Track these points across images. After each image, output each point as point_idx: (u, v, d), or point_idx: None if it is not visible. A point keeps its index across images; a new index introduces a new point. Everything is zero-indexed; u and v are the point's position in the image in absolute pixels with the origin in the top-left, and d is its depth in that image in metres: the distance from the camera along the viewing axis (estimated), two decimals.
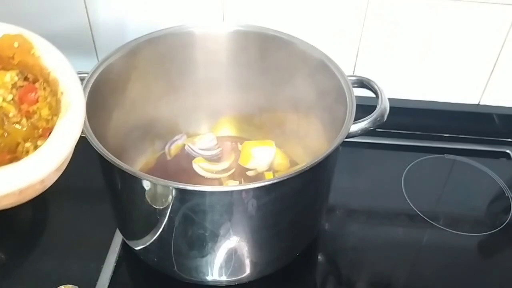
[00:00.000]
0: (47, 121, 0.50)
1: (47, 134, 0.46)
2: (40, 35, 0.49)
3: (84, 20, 0.81)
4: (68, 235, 0.68)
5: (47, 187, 0.47)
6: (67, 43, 0.88)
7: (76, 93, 0.47)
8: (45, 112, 0.50)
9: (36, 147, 0.48)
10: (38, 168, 0.43)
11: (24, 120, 0.51)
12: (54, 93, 0.48)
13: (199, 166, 0.73)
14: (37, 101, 0.50)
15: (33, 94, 0.50)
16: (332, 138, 0.54)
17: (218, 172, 0.74)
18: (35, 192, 0.47)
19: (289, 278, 0.64)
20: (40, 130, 0.50)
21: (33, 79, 0.51)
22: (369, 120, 0.58)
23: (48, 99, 0.49)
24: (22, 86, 0.51)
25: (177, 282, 0.61)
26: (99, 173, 0.59)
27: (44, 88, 0.50)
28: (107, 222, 0.67)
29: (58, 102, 0.47)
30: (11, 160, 0.46)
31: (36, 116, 0.50)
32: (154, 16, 0.79)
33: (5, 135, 0.50)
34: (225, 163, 0.75)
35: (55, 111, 0.48)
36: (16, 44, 0.48)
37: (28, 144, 0.49)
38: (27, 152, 0.48)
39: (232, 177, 0.74)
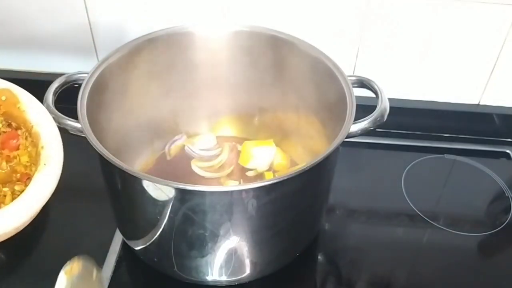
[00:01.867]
0: (26, 167, 0.53)
1: (25, 179, 0.50)
2: (26, 91, 0.51)
3: (84, 20, 0.81)
4: (68, 235, 0.68)
5: (19, 230, 0.50)
6: (67, 43, 0.88)
7: (55, 148, 0.50)
8: (24, 159, 0.53)
9: (13, 192, 0.51)
10: (16, 217, 0.47)
11: (4, 163, 0.53)
12: (35, 144, 0.51)
13: (197, 166, 0.73)
14: (18, 148, 0.53)
15: (14, 141, 0.53)
16: (332, 138, 0.54)
17: (216, 170, 0.74)
18: (7, 235, 0.50)
19: (289, 278, 0.64)
20: (18, 175, 0.53)
21: (16, 127, 0.53)
22: (369, 120, 0.58)
23: (29, 149, 0.53)
24: (5, 132, 0.53)
25: (177, 282, 0.61)
26: (99, 173, 0.59)
27: (26, 138, 0.53)
28: (107, 222, 0.67)
29: (38, 154, 0.50)
30: None
31: (15, 161, 0.53)
32: (154, 16, 0.79)
33: None
34: (224, 163, 0.75)
35: (34, 160, 0.52)
36: (3, 98, 0.52)
37: (5, 189, 0.52)
38: (4, 196, 0.51)
39: (232, 177, 0.74)
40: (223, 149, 0.76)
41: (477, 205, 0.75)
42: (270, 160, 0.74)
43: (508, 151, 0.84)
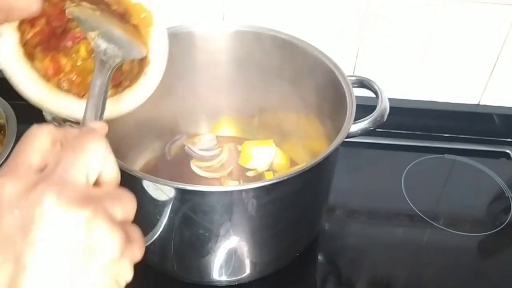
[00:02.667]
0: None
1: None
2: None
3: None
4: None
5: None
6: None
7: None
8: None
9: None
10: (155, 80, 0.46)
11: None
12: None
13: (197, 167, 0.73)
14: None
15: None
16: (332, 138, 0.54)
17: (216, 170, 0.74)
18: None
19: (289, 278, 0.64)
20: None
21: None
22: (369, 120, 0.58)
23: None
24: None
25: (177, 282, 0.61)
26: None
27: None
28: None
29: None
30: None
31: None
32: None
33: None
34: (224, 162, 0.75)
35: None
36: (143, 15, 0.46)
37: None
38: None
39: (231, 177, 0.74)
40: (223, 149, 0.77)
41: (477, 205, 0.75)
42: (270, 160, 0.74)
43: (508, 151, 0.84)
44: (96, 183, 0.31)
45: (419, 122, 0.86)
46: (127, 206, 0.31)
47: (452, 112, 0.86)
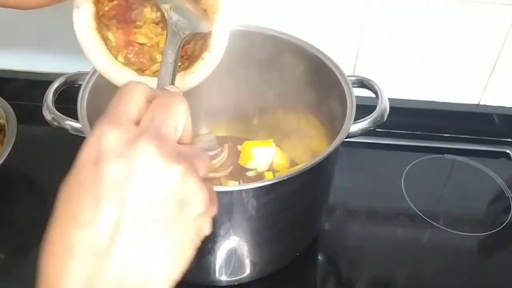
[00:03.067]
0: None
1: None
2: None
3: None
4: None
5: None
6: (68, 43, 0.88)
7: None
8: None
9: None
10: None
11: None
12: None
13: None
14: None
15: None
16: (332, 138, 0.54)
17: (216, 170, 0.74)
18: None
19: (289, 278, 0.64)
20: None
21: None
22: (369, 120, 0.58)
23: None
24: None
25: (177, 282, 0.61)
26: None
27: None
28: None
29: None
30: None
31: None
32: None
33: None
34: (224, 162, 0.75)
35: None
36: (210, 2, 0.50)
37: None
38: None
39: (232, 177, 0.74)
40: (223, 149, 0.76)
41: (477, 205, 0.75)
42: (270, 160, 0.74)
43: (508, 151, 0.84)
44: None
45: (419, 122, 0.86)
46: (207, 164, 0.33)
47: (452, 112, 0.86)
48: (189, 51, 0.49)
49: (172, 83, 0.43)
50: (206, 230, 0.32)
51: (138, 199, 0.28)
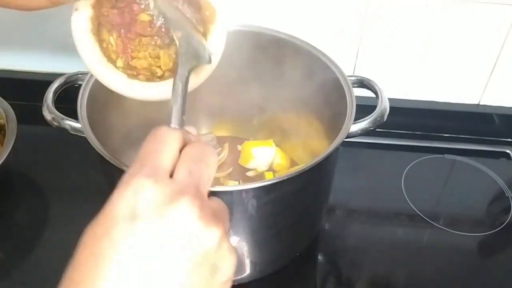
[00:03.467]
0: None
1: None
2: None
3: None
4: (68, 235, 0.68)
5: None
6: (68, 43, 0.88)
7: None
8: None
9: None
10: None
11: None
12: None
13: None
14: None
15: None
16: (332, 138, 0.54)
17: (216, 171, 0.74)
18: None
19: (289, 278, 0.64)
20: None
21: None
22: (369, 120, 0.58)
23: None
24: None
25: None
26: (99, 173, 0.59)
27: None
28: None
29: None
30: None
31: None
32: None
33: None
34: (224, 163, 0.75)
35: None
36: (207, 13, 0.49)
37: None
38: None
39: (232, 177, 0.74)
40: (223, 149, 0.76)
41: (477, 205, 0.75)
42: (270, 160, 0.74)
43: (508, 151, 0.84)
44: None
45: (419, 122, 0.86)
46: (228, 218, 0.32)
47: (452, 112, 0.86)
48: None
49: (183, 116, 0.41)
50: None
51: (172, 264, 0.27)
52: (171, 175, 0.30)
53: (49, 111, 0.57)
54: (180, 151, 0.31)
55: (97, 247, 0.27)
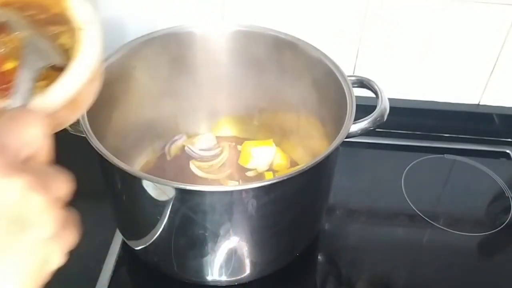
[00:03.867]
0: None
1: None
2: None
3: None
4: None
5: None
6: None
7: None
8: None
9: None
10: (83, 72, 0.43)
11: None
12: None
13: (196, 167, 0.73)
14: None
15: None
16: (332, 138, 0.54)
17: (216, 171, 0.74)
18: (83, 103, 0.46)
19: (289, 278, 0.64)
20: None
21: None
22: (369, 120, 0.58)
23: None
24: None
25: (177, 282, 0.61)
26: (99, 173, 0.59)
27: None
28: (107, 222, 0.67)
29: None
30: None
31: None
32: (154, 16, 0.79)
33: None
34: (224, 163, 0.75)
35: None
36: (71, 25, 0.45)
37: None
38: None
39: (231, 177, 0.74)
40: (223, 149, 0.77)
41: (477, 205, 0.75)
42: (270, 160, 0.74)
43: (508, 151, 0.84)
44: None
45: (419, 122, 0.86)
46: (66, 186, 0.29)
47: (452, 112, 0.86)
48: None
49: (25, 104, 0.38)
50: (55, 260, 0.28)
51: None
52: None
53: None
54: None
55: None
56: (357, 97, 0.58)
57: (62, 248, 0.28)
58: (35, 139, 0.29)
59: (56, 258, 0.28)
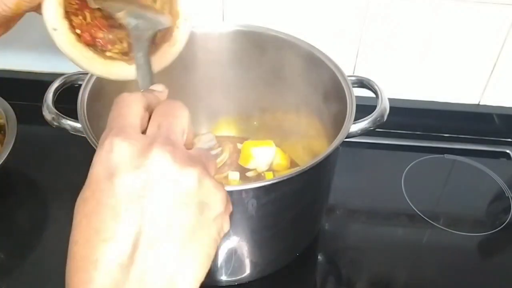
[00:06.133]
0: None
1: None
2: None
3: None
4: (68, 235, 0.68)
5: None
6: None
7: None
8: None
9: None
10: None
11: None
12: None
13: None
14: None
15: None
16: (332, 138, 0.54)
17: (218, 171, 0.74)
18: None
19: (289, 278, 0.64)
20: None
21: None
22: (369, 120, 0.58)
23: None
24: None
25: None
26: None
27: None
28: None
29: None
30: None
31: None
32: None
33: None
34: (224, 163, 0.75)
35: None
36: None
37: None
38: None
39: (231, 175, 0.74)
40: (223, 149, 0.76)
41: (477, 205, 0.75)
42: (270, 160, 0.74)
43: (508, 151, 0.84)
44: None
45: (419, 122, 0.86)
46: (215, 164, 0.34)
47: (452, 112, 0.86)
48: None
49: (152, 83, 0.43)
50: (226, 227, 0.33)
51: (157, 207, 0.28)
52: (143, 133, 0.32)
53: (49, 111, 0.57)
54: (149, 112, 0.33)
55: (87, 208, 0.29)
56: (357, 97, 0.58)
57: (228, 217, 0.33)
58: (187, 126, 0.33)
59: (226, 226, 0.33)
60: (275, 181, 0.50)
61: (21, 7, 0.40)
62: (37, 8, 0.42)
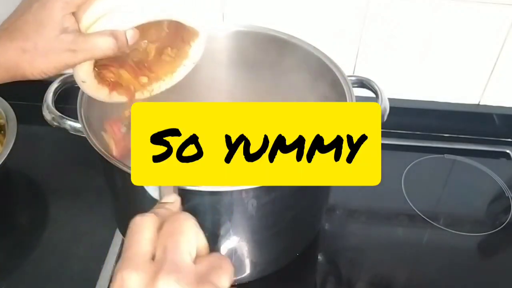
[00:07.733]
0: None
1: None
2: None
3: None
4: (68, 235, 0.68)
5: None
6: None
7: None
8: None
9: None
10: None
11: None
12: None
13: None
14: None
15: None
16: None
17: None
18: None
19: (289, 278, 0.64)
20: None
21: None
22: None
23: None
24: None
25: None
26: (99, 173, 0.59)
27: None
28: (107, 222, 0.67)
29: None
30: None
31: None
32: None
33: None
34: None
35: None
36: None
37: None
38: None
39: None
40: None
41: (477, 205, 0.75)
42: None
43: (508, 151, 0.84)
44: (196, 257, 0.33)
45: (419, 122, 0.86)
46: (229, 270, 0.33)
47: (452, 112, 0.86)
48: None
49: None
50: None
51: None
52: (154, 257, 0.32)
53: (49, 111, 0.57)
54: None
55: None
56: (357, 97, 0.58)
57: None
58: (195, 240, 0.33)
59: None
60: None
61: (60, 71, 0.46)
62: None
